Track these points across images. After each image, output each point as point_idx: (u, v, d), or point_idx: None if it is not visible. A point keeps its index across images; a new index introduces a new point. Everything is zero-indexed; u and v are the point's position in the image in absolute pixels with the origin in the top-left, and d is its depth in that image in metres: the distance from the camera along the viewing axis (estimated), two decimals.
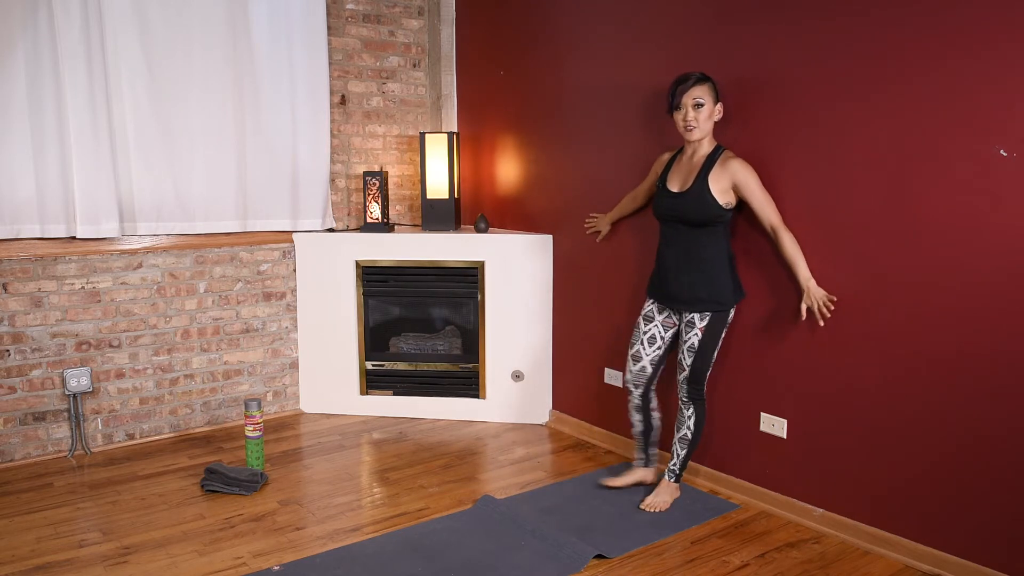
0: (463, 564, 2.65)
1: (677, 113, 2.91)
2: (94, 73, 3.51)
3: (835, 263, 2.81)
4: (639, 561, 2.69)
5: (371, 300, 4.21)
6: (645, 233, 3.49)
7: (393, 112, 4.54)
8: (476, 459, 3.63)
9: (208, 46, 3.81)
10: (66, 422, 3.66)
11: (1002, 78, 2.34)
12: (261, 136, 4.02)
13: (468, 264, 4.06)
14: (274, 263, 4.17)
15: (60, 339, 3.61)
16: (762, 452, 3.12)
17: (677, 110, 2.91)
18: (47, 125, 3.47)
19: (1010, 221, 2.36)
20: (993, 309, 2.42)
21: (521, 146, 4.15)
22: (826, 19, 2.76)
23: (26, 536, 2.88)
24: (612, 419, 3.76)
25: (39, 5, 3.39)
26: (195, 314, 3.95)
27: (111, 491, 3.27)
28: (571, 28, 3.76)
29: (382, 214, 4.20)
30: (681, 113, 2.89)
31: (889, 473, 2.72)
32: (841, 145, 2.76)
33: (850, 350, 2.79)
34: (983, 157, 2.40)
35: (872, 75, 2.65)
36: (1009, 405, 2.41)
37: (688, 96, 2.87)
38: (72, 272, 3.62)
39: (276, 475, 3.44)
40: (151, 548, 2.79)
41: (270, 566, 2.65)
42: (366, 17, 4.38)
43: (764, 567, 2.65)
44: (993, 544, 2.47)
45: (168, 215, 3.81)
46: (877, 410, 2.74)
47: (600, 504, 3.11)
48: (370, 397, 4.24)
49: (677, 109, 2.91)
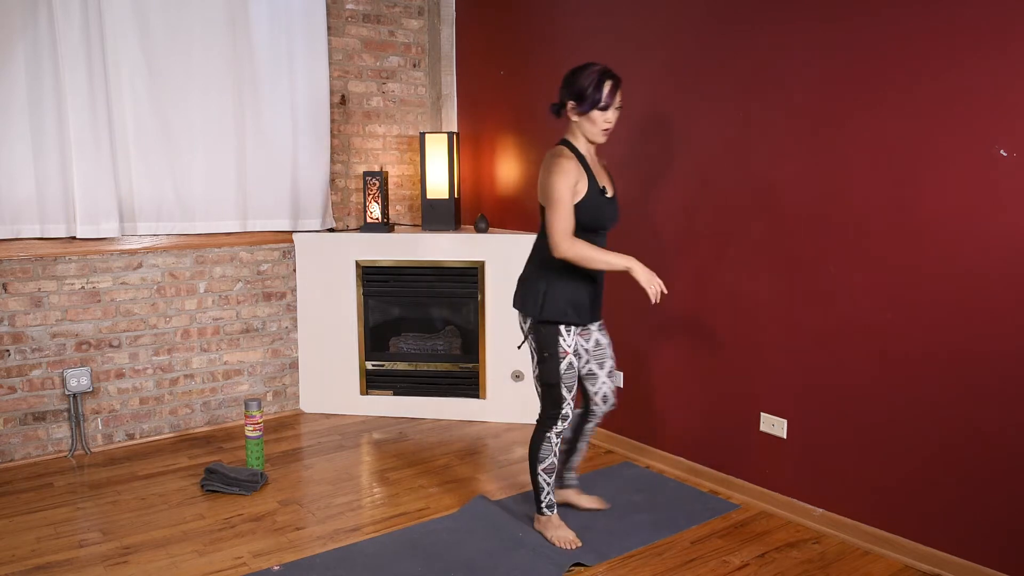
0: (463, 564, 2.65)
1: (601, 113, 2.57)
2: (94, 73, 3.51)
3: (835, 263, 2.81)
4: (639, 561, 2.69)
5: (371, 300, 4.20)
6: (644, 231, 3.49)
7: (393, 112, 4.54)
8: (476, 459, 3.62)
9: (208, 46, 3.81)
10: (66, 422, 3.66)
11: (1002, 78, 2.34)
12: (261, 136, 4.02)
13: (468, 264, 4.06)
14: (274, 263, 4.17)
15: (60, 339, 3.61)
16: (762, 452, 3.12)
17: (603, 109, 2.57)
18: (47, 125, 3.47)
19: (1010, 221, 2.36)
20: (994, 309, 2.42)
21: (521, 146, 4.15)
22: (827, 21, 2.75)
23: (26, 536, 2.88)
24: (612, 419, 3.76)
25: (39, 5, 3.39)
26: (195, 314, 3.95)
27: (111, 491, 3.27)
28: (571, 28, 3.76)
29: (382, 214, 4.20)
30: (607, 115, 2.59)
31: (889, 473, 2.72)
32: (841, 145, 2.76)
33: (850, 350, 2.79)
34: (983, 157, 2.40)
35: (872, 75, 2.65)
36: (1010, 405, 2.41)
37: (618, 98, 2.60)
38: (72, 272, 3.62)
39: (276, 475, 3.44)
40: (151, 548, 2.79)
41: (270, 566, 2.65)
42: (366, 17, 4.38)
43: (764, 567, 2.65)
44: (993, 544, 2.47)
45: (168, 215, 3.81)
46: (877, 410, 2.74)
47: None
48: (370, 397, 4.24)
49: (603, 108, 2.57)
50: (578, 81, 2.58)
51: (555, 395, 2.71)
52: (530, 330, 2.72)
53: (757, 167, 3.02)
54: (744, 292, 3.12)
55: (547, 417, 2.75)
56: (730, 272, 3.16)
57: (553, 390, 2.71)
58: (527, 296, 2.72)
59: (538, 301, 2.68)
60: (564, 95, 2.64)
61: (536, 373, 2.75)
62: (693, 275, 3.31)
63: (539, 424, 2.78)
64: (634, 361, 3.62)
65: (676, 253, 3.37)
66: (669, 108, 3.34)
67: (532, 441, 2.79)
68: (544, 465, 2.77)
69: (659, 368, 3.49)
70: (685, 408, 3.41)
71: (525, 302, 2.72)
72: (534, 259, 2.77)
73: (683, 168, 3.31)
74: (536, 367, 2.74)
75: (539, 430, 2.77)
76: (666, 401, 3.49)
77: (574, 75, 2.61)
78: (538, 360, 2.72)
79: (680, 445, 3.45)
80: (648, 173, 3.45)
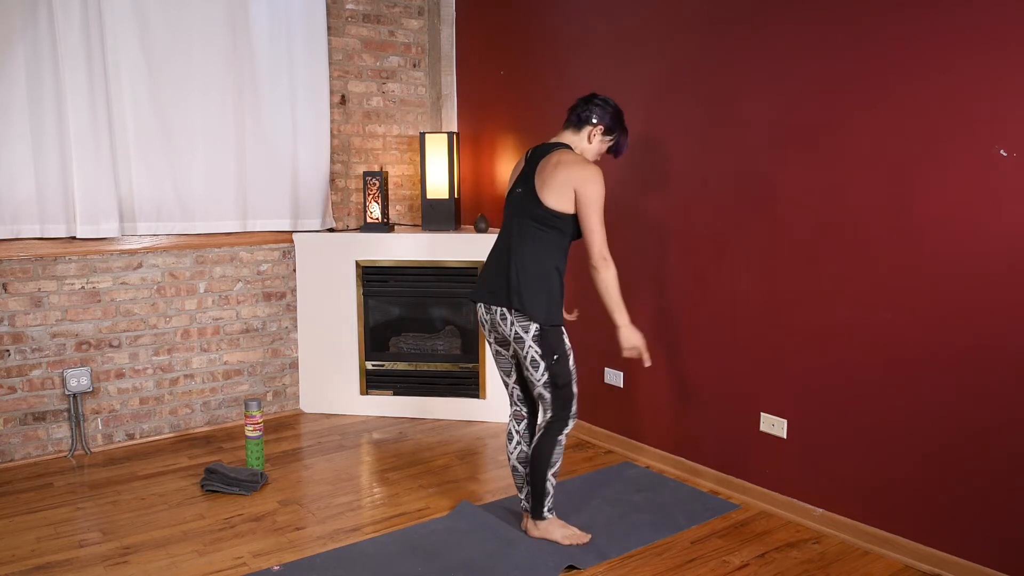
0: (463, 564, 2.65)
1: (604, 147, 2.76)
2: (94, 73, 3.51)
3: (835, 263, 2.81)
4: (639, 561, 2.69)
5: (371, 300, 4.20)
6: (644, 232, 3.49)
7: (393, 112, 4.54)
8: (476, 459, 3.62)
9: (208, 46, 3.81)
10: (66, 422, 3.66)
11: (1003, 78, 2.34)
12: (261, 136, 4.02)
13: (468, 264, 4.06)
14: (274, 263, 4.17)
15: (60, 339, 3.61)
16: (762, 452, 3.12)
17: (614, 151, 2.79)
18: (47, 125, 3.47)
19: (1010, 221, 2.36)
20: (994, 309, 2.42)
21: (521, 146, 4.15)
22: (827, 22, 2.75)
23: (26, 536, 2.88)
24: (612, 419, 3.76)
25: (39, 5, 3.39)
26: (195, 314, 3.95)
27: (111, 491, 3.27)
28: (571, 28, 3.76)
29: (382, 214, 4.20)
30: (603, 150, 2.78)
31: (889, 473, 2.72)
32: (841, 145, 2.76)
33: (850, 350, 2.79)
34: (983, 157, 2.40)
35: (872, 75, 2.65)
36: (1010, 405, 2.41)
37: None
38: (72, 272, 3.62)
39: (276, 475, 3.44)
40: (151, 548, 2.79)
41: (270, 566, 2.65)
42: (366, 17, 4.38)
43: (764, 567, 2.65)
44: (993, 544, 2.47)
45: (168, 215, 3.81)
46: (877, 410, 2.74)
47: (600, 504, 3.11)
48: (370, 397, 4.24)
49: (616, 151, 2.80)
50: (622, 120, 2.75)
51: (565, 395, 2.68)
52: (534, 336, 2.62)
53: (757, 167, 3.02)
54: (744, 292, 3.12)
55: (558, 420, 2.70)
56: (730, 272, 3.16)
57: (564, 391, 2.68)
58: (529, 298, 2.61)
59: (544, 305, 2.61)
60: (601, 119, 2.70)
61: (546, 378, 2.66)
62: (693, 275, 3.31)
63: (548, 429, 2.71)
64: (634, 361, 3.61)
65: (676, 253, 3.37)
66: (668, 108, 3.34)
67: (541, 447, 2.71)
68: (554, 469, 2.74)
69: (659, 368, 3.49)
70: (685, 408, 3.41)
71: (527, 304, 2.60)
72: (531, 258, 2.62)
73: (683, 168, 3.31)
74: (543, 372, 2.65)
75: (550, 435, 2.71)
76: (666, 401, 3.49)
77: (621, 114, 2.76)
78: (547, 364, 2.63)
79: (680, 445, 3.45)
80: (647, 173, 3.45)
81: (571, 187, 2.59)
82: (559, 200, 2.60)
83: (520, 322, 2.62)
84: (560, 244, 2.66)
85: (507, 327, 2.65)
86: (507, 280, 2.64)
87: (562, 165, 2.60)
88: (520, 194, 2.69)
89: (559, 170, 2.60)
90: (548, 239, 2.63)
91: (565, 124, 2.75)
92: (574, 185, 2.58)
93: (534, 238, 2.64)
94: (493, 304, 2.67)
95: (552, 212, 2.61)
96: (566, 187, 2.59)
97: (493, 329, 2.73)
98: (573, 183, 2.58)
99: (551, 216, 2.61)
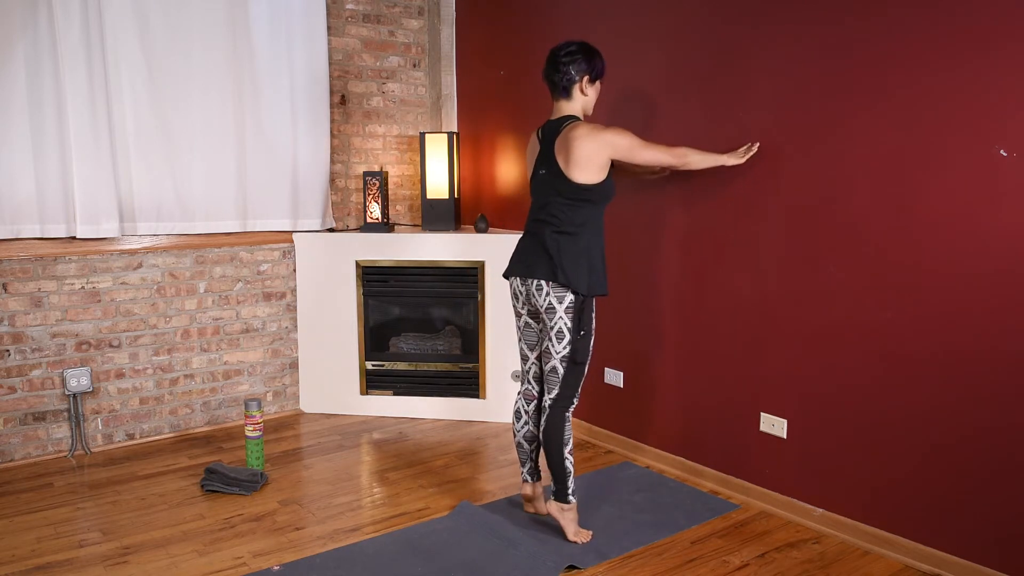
0: (463, 564, 2.65)
1: (599, 83, 2.78)
2: (94, 73, 3.51)
3: (835, 263, 2.81)
4: (639, 561, 2.69)
5: (371, 300, 4.20)
6: (643, 232, 3.49)
7: (393, 112, 4.54)
8: (476, 459, 3.62)
9: (208, 46, 3.81)
10: (66, 422, 3.66)
11: (1003, 78, 2.34)
12: (261, 136, 4.02)
13: (468, 264, 4.06)
14: (274, 263, 4.17)
15: (60, 339, 3.61)
16: (762, 452, 3.12)
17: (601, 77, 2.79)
18: (47, 125, 3.47)
19: (1010, 221, 2.36)
20: (994, 309, 2.42)
21: (521, 146, 4.15)
22: (827, 22, 2.75)
23: (26, 536, 2.88)
24: (612, 419, 3.76)
25: (39, 5, 3.39)
26: (195, 314, 3.95)
27: (111, 491, 3.27)
28: (571, 28, 3.76)
29: (382, 214, 4.20)
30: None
31: (889, 473, 2.72)
32: (841, 145, 2.76)
33: (851, 350, 2.79)
34: (983, 157, 2.40)
35: (872, 75, 2.65)
36: (1009, 405, 2.41)
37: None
38: (72, 272, 3.62)
39: (276, 475, 3.44)
40: (151, 548, 2.79)
41: (270, 566, 2.65)
42: (366, 17, 4.38)
43: (764, 567, 2.65)
44: (993, 544, 2.47)
45: (168, 215, 3.81)
46: (877, 410, 2.74)
47: (600, 504, 3.11)
48: (370, 397, 4.24)
49: (601, 76, 2.78)
50: (590, 52, 2.70)
51: (579, 373, 2.73)
52: (567, 308, 2.64)
53: (757, 166, 3.02)
54: (744, 292, 3.12)
55: (564, 397, 2.73)
56: (730, 272, 3.16)
57: (580, 368, 2.72)
58: (572, 271, 2.62)
59: (585, 275, 2.63)
60: (578, 72, 2.69)
61: (567, 352, 2.67)
62: (693, 275, 3.31)
63: (556, 405, 2.72)
64: (634, 361, 3.62)
65: (676, 253, 3.37)
66: (668, 108, 3.34)
67: (551, 426, 2.71)
68: (569, 447, 2.74)
69: (659, 368, 3.49)
70: (685, 408, 3.41)
71: (570, 277, 2.61)
72: (567, 236, 2.65)
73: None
74: (567, 345, 2.67)
75: (558, 413, 2.72)
76: (666, 401, 3.49)
77: (591, 49, 2.71)
78: (572, 339, 2.65)
79: (680, 445, 3.45)
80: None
81: (603, 156, 2.64)
82: (585, 173, 2.64)
83: (556, 292, 2.66)
84: (593, 214, 2.70)
85: (541, 298, 2.69)
86: (547, 255, 2.67)
87: (578, 140, 2.63)
88: (544, 175, 2.73)
89: (576, 145, 2.63)
90: (582, 212, 2.67)
91: (554, 95, 2.77)
92: (607, 154, 2.65)
93: (566, 214, 2.67)
94: (530, 277, 2.70)
95: (582, 186, 2.65)
96: (591, 161, 2.63)
97: (527, 301, 2.77)
98: (606, 152, 2.65)
99: (581, 190, 2.65)
